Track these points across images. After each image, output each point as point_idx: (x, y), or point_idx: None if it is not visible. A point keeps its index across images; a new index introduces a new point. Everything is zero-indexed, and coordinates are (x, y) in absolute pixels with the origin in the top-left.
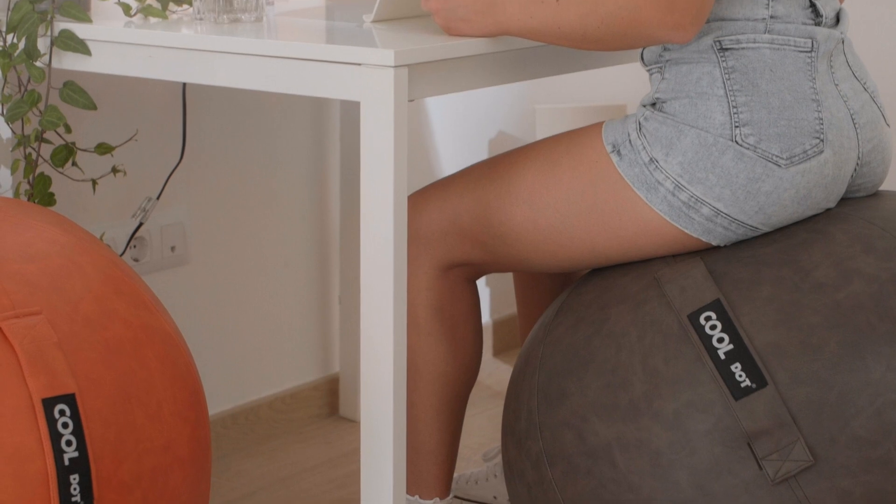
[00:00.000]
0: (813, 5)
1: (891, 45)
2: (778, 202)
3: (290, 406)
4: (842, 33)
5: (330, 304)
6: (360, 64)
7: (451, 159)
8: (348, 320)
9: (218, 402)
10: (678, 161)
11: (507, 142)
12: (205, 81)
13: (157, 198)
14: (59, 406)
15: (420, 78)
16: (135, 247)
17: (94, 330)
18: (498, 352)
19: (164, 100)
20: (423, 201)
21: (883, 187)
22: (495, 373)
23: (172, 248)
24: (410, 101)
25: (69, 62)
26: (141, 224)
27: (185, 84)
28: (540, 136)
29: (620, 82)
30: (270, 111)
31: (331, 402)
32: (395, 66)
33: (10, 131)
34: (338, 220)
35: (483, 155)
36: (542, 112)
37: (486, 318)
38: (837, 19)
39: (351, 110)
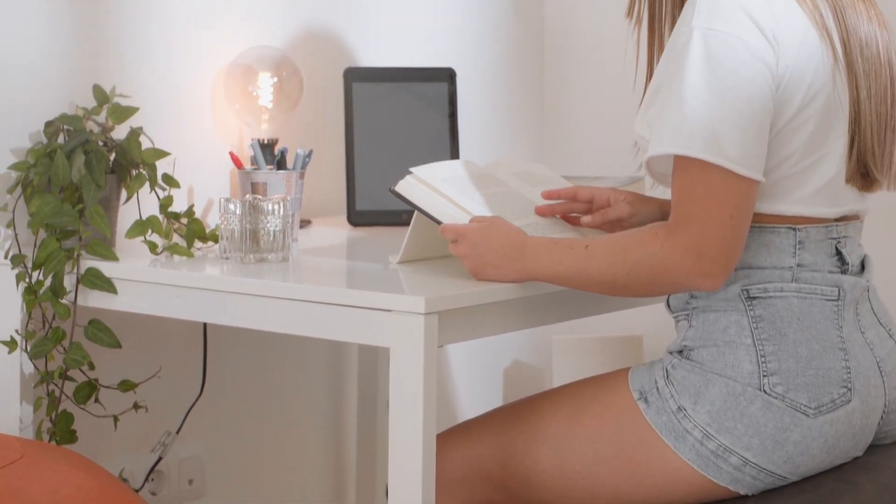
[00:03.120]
0: (839, 253)
1: None
2: (806, 452)
3: None
4: (867, 281)
5: None
6: (390, 310)
7: (466, 387)
8: None
9: None
10: (706, 410)
11: (523, 371)
12: (231, 323)
13: (177, 432)
14: None
15: (449, 324)
16: (153, 480)
17: None
18: None
19: (186, 335)
20: (445, 445)
21: None
22: None
23: (190, 482)
24: (440, 346)
25: (95, 300)
26: (160, 458)
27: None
28: (556, 366)
29: (637, 313)
30: (289, 347)
31: None
32: (426, 314)
33: (32, 366)
34: (354, 458)
35: (498, 384)
36: (558, 342)
37: None
38: (863, 266)
39: (369, 347)
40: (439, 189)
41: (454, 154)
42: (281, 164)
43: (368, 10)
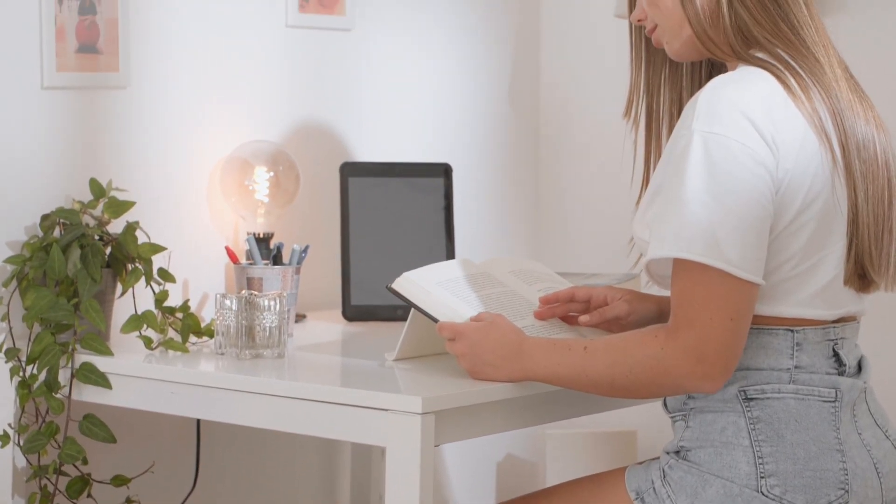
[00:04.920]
0: (836, 355)
1: None
2: None
3: None
4: (864, 382)
5: None
6: (386, 410)
7: (459, 481)
8: None
9: None
10: None
11: (517, 465)
12: (226, 420)
13: None
14: None
15: (446, 423)
16: None
17: None
18: None
19: (180, 430)
20: None
21: None
22: None
23: None
24: (436, 446)
25: (89, 395)
26: None
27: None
28: (550, 461)
29: (632, 408)
30: (282, 443)
31: None
32: (423, 413)
33: (25, 460)
34: None
35: (491, 478)
36: (552, 437)
37: None
38: (859, 367)
39: (363, 444)
40: (435, 294)
41: (449, 249)
42: (277, 259)
43: (364, 105)
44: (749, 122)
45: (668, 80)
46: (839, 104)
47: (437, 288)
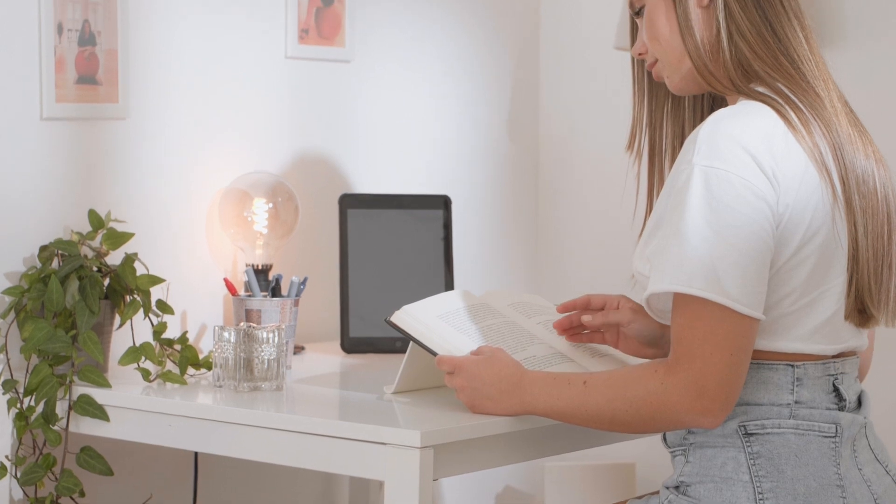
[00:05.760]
0: (836, 390)
1: None
2: None
3: None
4: (865, 417)
5: None
6: (385, 444)
7: None
8: None
9: None
10: None
11: (515, 498)
12: (224, 453)
13: None
14: None
15: (445, 457)
16: None
17: None
18: None
19: (178, 463)
20: None
21: None
22: None
23: None
24: (435, 480)
25: (87, 427)
26: None
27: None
28: (549, 493)
29: (630, 441)
30: (280, 476)
31: None
32: (421, 448)
33: (21, 492)
34: None
35: None
36: (550, 469)
37: None
38: (859, 402)
39: (361, 478)
40: (434, 327)
41: (448, 281)
42: (276, 291)
43: (364, 137)
44: (750, 157)
45: (671, 113)
46: (839, 138)
47: (436, 321)
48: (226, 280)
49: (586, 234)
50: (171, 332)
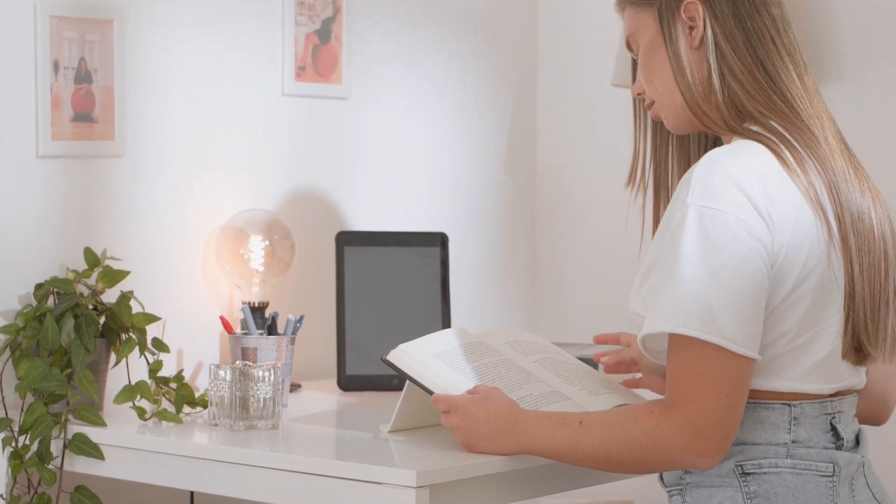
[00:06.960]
0: (834, 429)
1: None
2: None
3: None
4: (863, 456)
5: None
6: (380, 483)
7: None
8: None
9: None
10: None
11: None
12: (219, 492)
13: None
14: None
15: (441, 497)
16: None
17: None
18: None
19: (173, 502)
20: None
21: None
22: None
23: None
24: None
25: (81, 466)
26: None
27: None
28: None
29: (628, 481)
30: None
31: None
32: (417, 487)
33: None
34: None
35: None
36: None
37: None
38: (857, 441)
39: None
40: (431, 366)
41: (446, 318)
42: (272, 329)
43: (360, 174)
44: (744, 196)
45: (677, 148)
46: (835, 176)
47: (432, 360)
48: (222, 318)
49: (584, 271)
50: (167, 371)
